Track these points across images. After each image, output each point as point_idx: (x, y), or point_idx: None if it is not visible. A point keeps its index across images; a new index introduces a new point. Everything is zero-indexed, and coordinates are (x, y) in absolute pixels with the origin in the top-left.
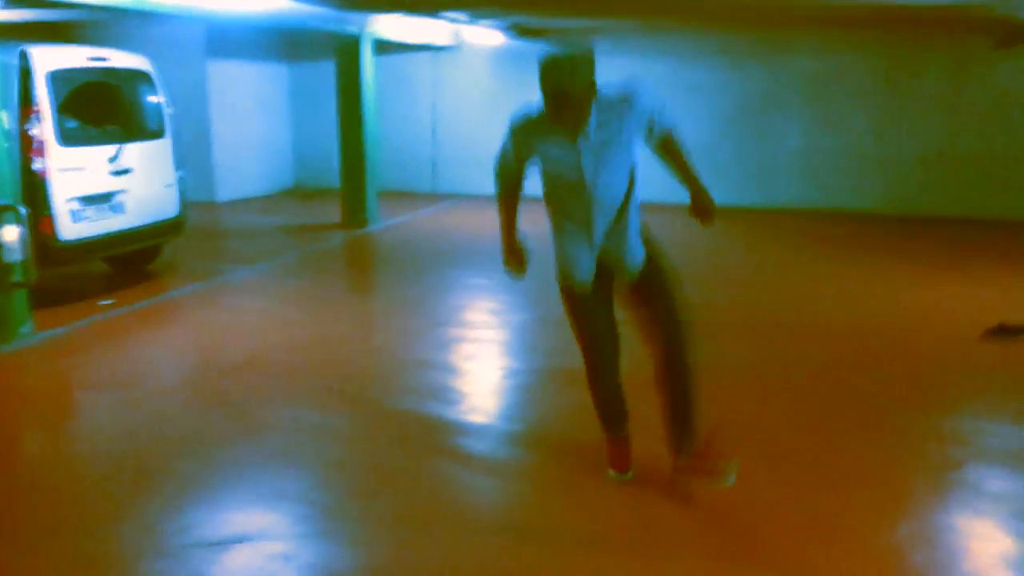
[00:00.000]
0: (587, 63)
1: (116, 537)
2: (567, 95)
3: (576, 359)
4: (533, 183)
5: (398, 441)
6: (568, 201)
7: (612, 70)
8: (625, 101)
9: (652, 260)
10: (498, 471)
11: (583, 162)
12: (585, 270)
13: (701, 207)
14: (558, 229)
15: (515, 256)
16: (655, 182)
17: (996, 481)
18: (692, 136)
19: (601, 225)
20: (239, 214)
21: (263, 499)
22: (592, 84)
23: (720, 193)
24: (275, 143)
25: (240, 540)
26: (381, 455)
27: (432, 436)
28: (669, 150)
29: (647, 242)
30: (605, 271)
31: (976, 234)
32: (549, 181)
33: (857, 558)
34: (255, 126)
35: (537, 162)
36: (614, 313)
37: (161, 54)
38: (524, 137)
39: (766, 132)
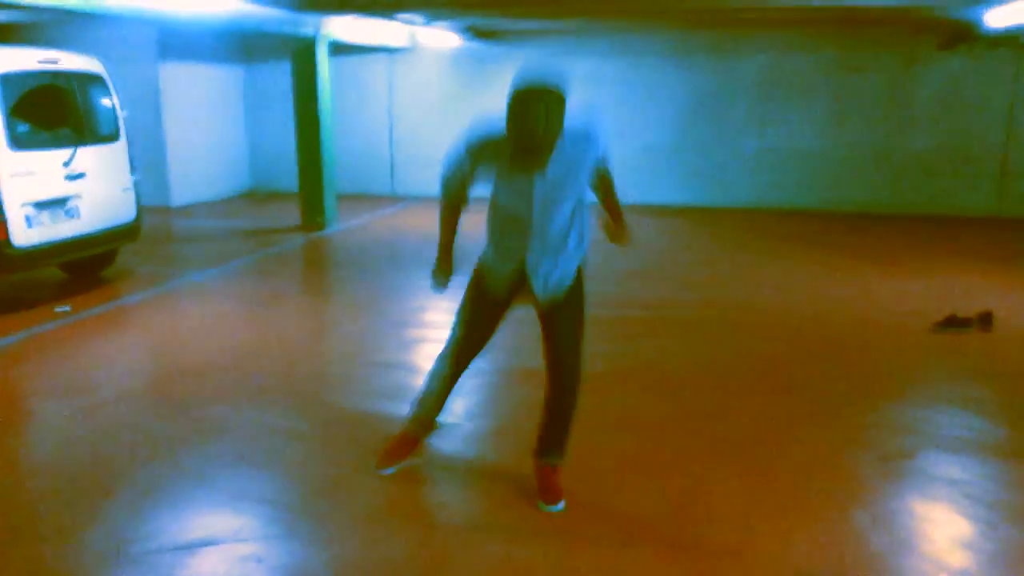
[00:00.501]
0: (560, 104)
1: (79, 545)
2: (535, 141)
3: (522, 357)
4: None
5: (360, 441)
6: (508, 227)
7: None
8: (587, 140)
9: (570, 299)
10: (462, 468)
11: (534, 198)
12: (502, 284)
13: (621, 234)
14: (492, 240)
15: (444, 267)
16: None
17: (947, 467)
18: (648, 137)
19: (535, 253)
20: (194, 218)
21: (228, 501)
22: (560, 126)
23: (677, 193)
24: (230, 146)
25: (208, 543)
26: (344, 455)
27: (387, 436)
28: (605, 184)
29: (577, 278)
30: (521, 290)
31: (925, 230)
32: (494, 205)
33: (816, 544)
34: (210, 129)
35: (486, 183)
36: (498, 324)
37: (111, 56)
38: (478, 158)
39: (719, 132)
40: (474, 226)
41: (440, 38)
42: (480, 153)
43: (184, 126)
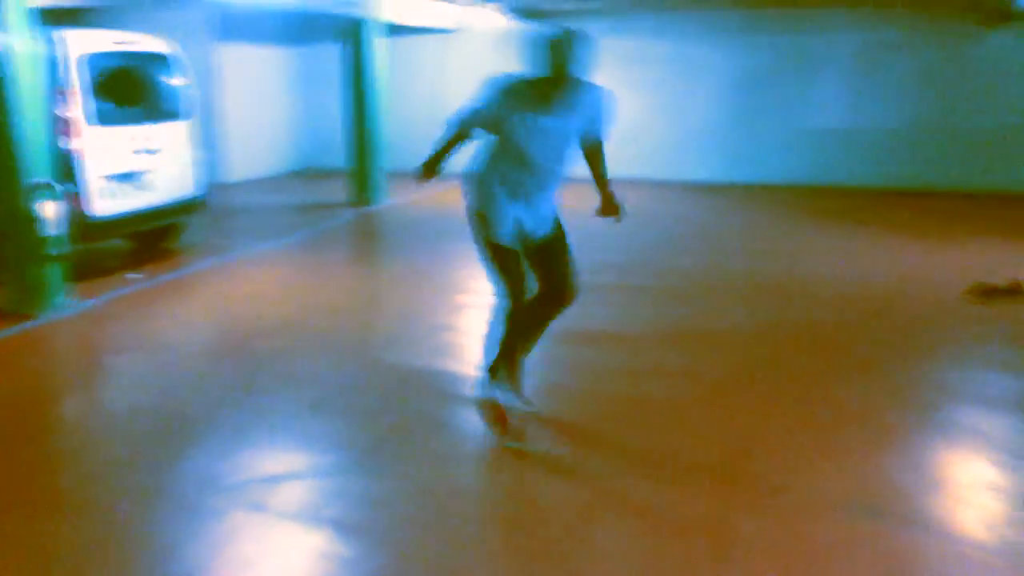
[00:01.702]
0: (586, 53)
1: (177, 476)
2: (558, 73)
3: (584, 319)
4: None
5: (419, 392)
6: (513, 168)
7: (615, 51)
8: (596, 100)
9: (558, 233)
10: (521, 418)
11: (537, 130)
12: (509, 228)
13: (611, 208)
14: (491, 189)
15: (431, 168)
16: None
17: (976, 420)
18: (690, 116)
19: (532, 194)
20: (250, 194)
21: (307, 443)
22: (581, 67)
23: (719, 171)
24: (282, 125)
25: (293, 477)
26: (409, 404)
27: (450, 387)
28: (594, 155)
29: (557, 219)
30: (519, 232)
31: (960, 206)
32: (502, 146)
33: (854, 482)
34: (263, 108)
35: (501, 125)
36: (522, 262)
37: (171, 36)
38: (510, 99)
39: (760, 110)
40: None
41: (488, 19)
42: (511, 93)
43: (239, 105)
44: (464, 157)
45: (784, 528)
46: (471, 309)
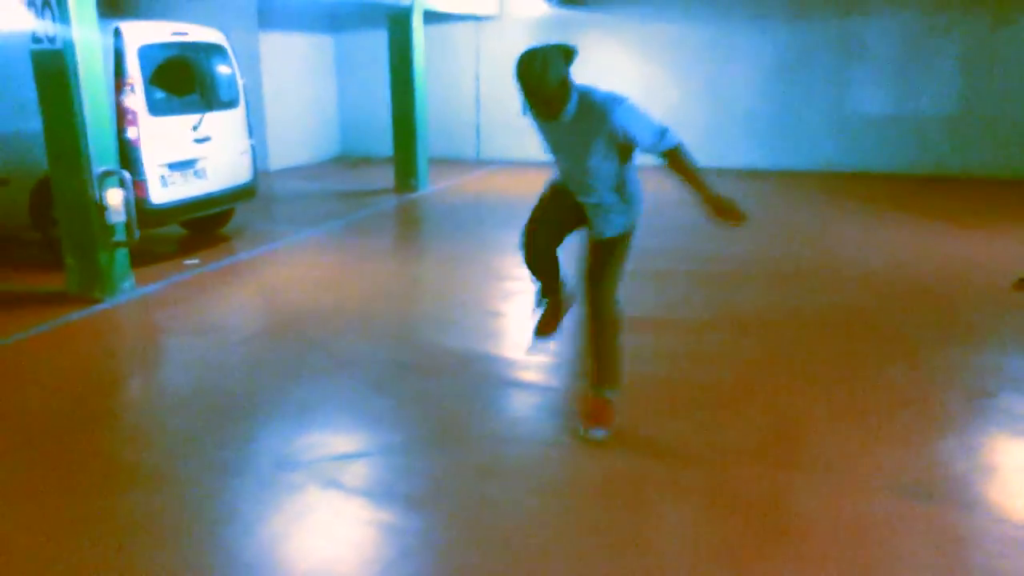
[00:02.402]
0: (559, 63)
1: (250, 452)
2: (535, 93)
3: (636, 307)
4: None
5: (474, 375)
6: (562, 166)
7: (655, 37)
8: (602, 113)
9: (612, 246)
10: (559, 398)
11: (560, 146)
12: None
13: (719, 211)
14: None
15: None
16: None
17: None
18: (731, 101)
19: (582, 197)
20: (293, 181)
21: (371, 423)
22: (564, 82)
23: (759, 156)
24: (323, 112)
25: (362, 455)
26: (467, 387)
27: (503, 371)
28: (674, 165)
29: (623, 233)
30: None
31: (1005, 193)
32: (547, 145)
33: (903, 466)
34: (304, 96)
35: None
36: (564, 229)
37: (214, 24)
38: (530, 110)
39: (800, 96)
40: None
41: (527, 5)
42: (527, 105)
43: (281, 93)
44: None
45: (837, 508)
46: (518, 295)
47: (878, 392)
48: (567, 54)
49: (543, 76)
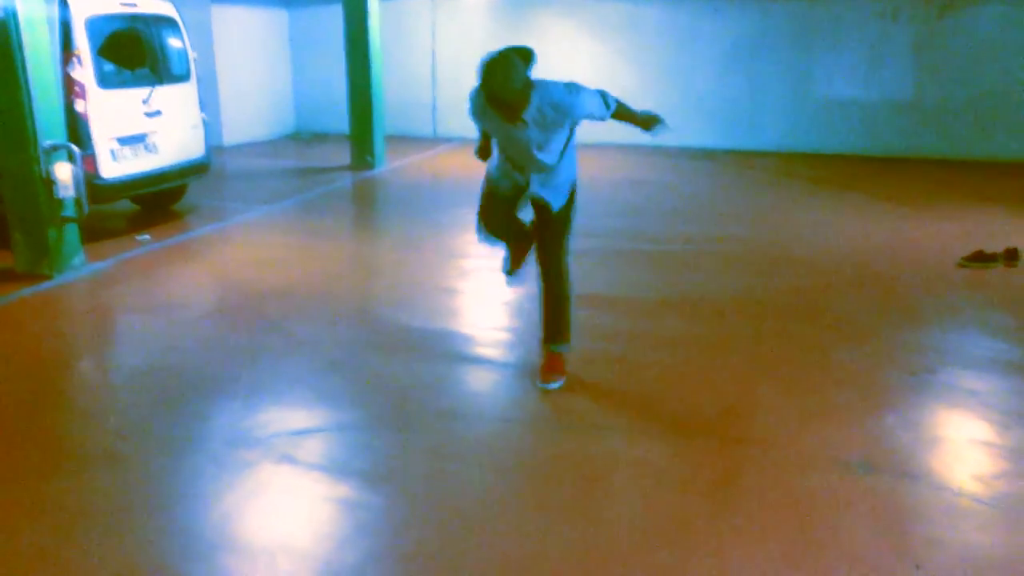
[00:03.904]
0: (519, 67)
1: (203, 430)
2: (500, 97)
3: (586, 283)
4: None
5: (429, 352)
6: (508, 165)
7: (612, 18)
8: (562, 105)
9: (560, 215)
10: (519, 378)
11: (521, 143)
12: (504, 193)
13: (647, 125)
14: (498, 170)
15: (481, 152)
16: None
17: (968, 381)
18: (684, 82)
19: (534, 185)
20: (248, 157)
21: (327, 400)
22: (527, 85)
23: (713, 137)
24: (277, 88)
25: (317, 431)
26: (424, 364)
27: (459, 348)
28: (618, 117)
29: (568, 202)
30: (526, 202)
31: (949, 174)
32: (497, 147)
33: (849, 439)
34: (258, 71)
35: (487, 132)
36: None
37: None
38: (478, 115)
39: (754, 77)
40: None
41: None
42: (477, 110)
43: (234, 68)
44: None
45: (784, 482)
46: (473, 272)
47: (824, 371)
48: (526, 56)
49: (506, 82)
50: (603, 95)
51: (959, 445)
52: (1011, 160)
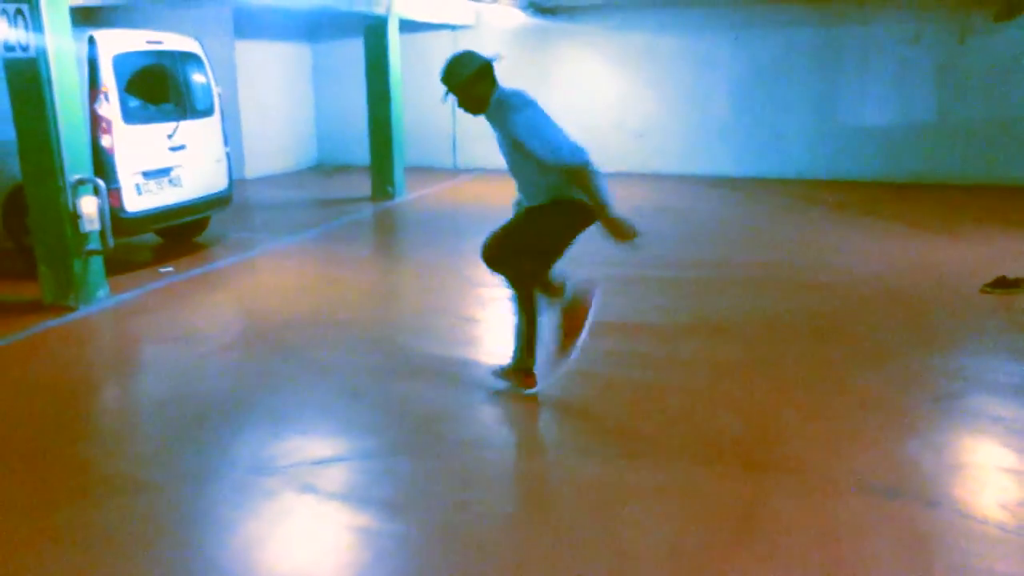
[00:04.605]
0: (467, 66)
1: (227, 458)
2: (449, 89)
3: (604, 309)
4: None
5: (450, 381)
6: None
7: (626, 47)
8: (503, 117)
9: (533, 213)
10: (550, 406)
11: (498, 145)
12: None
13: (615, 232)
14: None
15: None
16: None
17: (993, 407)
18: (702, 110)
19: (519, 194)
20: (270, 189)
21: (349, 428)
22: (470, 82)
23: (733, 164)
24: (299, 120)
25: (339, 460)
26: (444, 392)
27: (478, 377)
28: (572, 181)
29: (551, 202)
30: None
31: (980, 199)
32: None
33: (872, 465)
34: (280, 104)
35: None
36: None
37: (190, 33)
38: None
39: (774, 104)
40: None
41: (503, 14)
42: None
43: (257, 101)
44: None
45: (807, 507)
46: (492, 301)
47: (847, 395)
48: (474, 57)
49: (450, 77)
50: (561, 148)
51: (984, 472)
52: None
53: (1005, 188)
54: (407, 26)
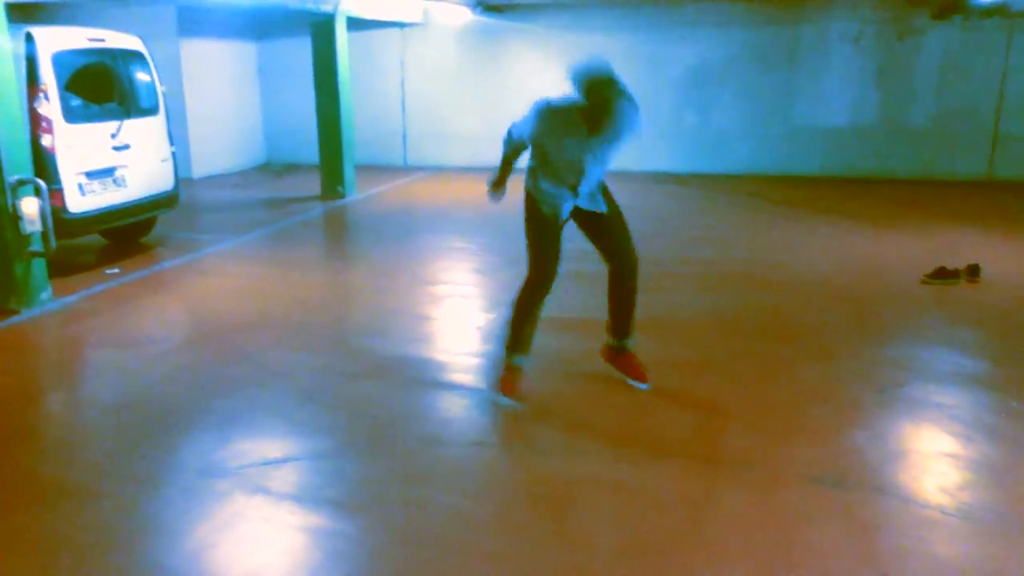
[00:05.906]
0: (620, 83)
1: (176, 462)
2: (604, 109)
3: (558, 307)
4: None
5: (403, 380)
6: (563, 171)
7: (576, 46)
8: (630, 128)
9: (612, 210)
10: (489, 400)
11: (589, 153)
12: (565, 211)
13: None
14: (545, 182)
15: (499, 186)
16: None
17: (934, 395)
18: (651, 107)
19: (584, 188)
20: (217, 189)
21: (301, 430)
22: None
23: (679, 160)
24: (246, 120)
25: (290, 460)
26: (399, 392)
27: (432, 375)
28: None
29: (608, 198)
30: (575, 214)
31: (921, 194)
32: (550, 155)
33: (820, 457)
34: (226, 103)
35: (544, 142)
36: (561, 243)
37: (134, 32)
38: (550, 124)
39: (719, 102)
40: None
41: (452, 13)
42: (552, 118)
43: (203, 100)
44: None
45: (757, 500)
46: (446, 299)
47: (794, 389)
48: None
49: (610, 98)
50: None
51: (926, 458)
52: (974, 179)
53: (946, 183)
54: (354, 23)
